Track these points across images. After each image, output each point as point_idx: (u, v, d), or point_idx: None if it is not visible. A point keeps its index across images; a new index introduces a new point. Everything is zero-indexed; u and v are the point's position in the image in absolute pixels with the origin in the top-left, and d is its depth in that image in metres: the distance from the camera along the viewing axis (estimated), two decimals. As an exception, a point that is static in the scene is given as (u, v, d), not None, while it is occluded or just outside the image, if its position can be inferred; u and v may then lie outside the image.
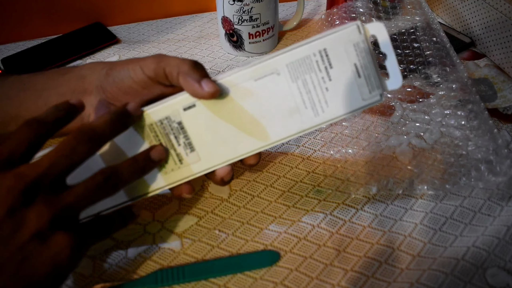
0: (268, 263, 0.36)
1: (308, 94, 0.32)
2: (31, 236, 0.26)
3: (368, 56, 0.32)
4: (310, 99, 0.32)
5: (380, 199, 0.41)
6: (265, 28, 0.60)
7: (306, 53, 0.31)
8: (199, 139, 0.33)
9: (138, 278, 0.35)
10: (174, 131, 0.33)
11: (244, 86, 0.32)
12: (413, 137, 0.47)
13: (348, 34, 0.31)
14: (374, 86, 0.32)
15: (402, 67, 0.55)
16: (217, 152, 0.33)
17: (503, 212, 0.39)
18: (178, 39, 0.67)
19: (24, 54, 0.63)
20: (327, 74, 0.32)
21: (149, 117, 0.33)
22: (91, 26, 0.69)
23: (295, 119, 0.32)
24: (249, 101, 0.32)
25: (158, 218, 0.40)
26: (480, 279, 0.34)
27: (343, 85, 0.32)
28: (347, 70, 0.31)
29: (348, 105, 0.32)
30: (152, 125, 0.33)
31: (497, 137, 0.42)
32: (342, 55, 0.31)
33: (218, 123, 0.33)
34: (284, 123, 0.33)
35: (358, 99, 0.32)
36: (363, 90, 0.32)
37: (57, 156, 0.28)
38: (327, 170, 0.44)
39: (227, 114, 0.32)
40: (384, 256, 0.36)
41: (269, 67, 0.31)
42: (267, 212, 0.40)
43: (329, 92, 0.32)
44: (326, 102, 0.32)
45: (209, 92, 0.31)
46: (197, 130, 0.33)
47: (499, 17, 0.56)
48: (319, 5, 0.76)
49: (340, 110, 0.32)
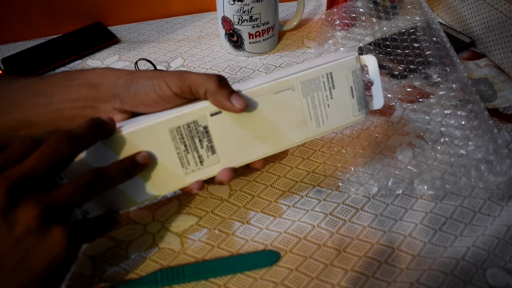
0: (268, 263, 0.36)
1: (314, 108, 0.37)
2: (24, 231, 0.27)
3: (360, 82, 0.38)
4: (315, 113, 0.38)
5: (380, 199, 0.41)
6: (265, 28, 0.60)
7: (317, 74, 0.37)
8: (220, 143, 0.36)
9: (138, 278, 0.35)
10: (199, 135, 0.36)
11: (264, 97, 0.36)
12: (413, 137, 0.47)
13: (349, 62, 0.37)
14: (363, 105, 0.39)
15: (402, 67, 0.55)
16: (234, 156, 0.37)
17: (503, 212, 0.39)
18: (178, 39, 0.67)
19: (24, 54, 0.63)
20: (330, 93, 0.37)
21: (178, 120, 0.35)
22: (91, 26, 0.69)
23: (302, 129, 0.38)
24: (267, 111, 0.36)
25: (158, 218, 0.40)
26: (480, 279, 0.34)
27: (341, 103, 0.38)
28: (345, 91, 0.38)
29: (343, 120, 0.38)
30: (179, 127, 0.35)
31: (497, 137, 0.43)
32: (343, 78, 0.37)
33: (238, 129, 0.36)
34: (293, 132, 0.38)
35: (350, 115, 0.39)
36: (355, 108, 0.38)
37: (40, 156, 0.29)
38: (327, 170, 0.44)
39: (247, 121, 0.36)
40: (384, 256, 0.36)
41: (287, 83, 0.36)
42: (267, 212, 0.40)
43: (330, 108, 0.38)
44: (326, 116, 0.38)
45: (240, 108, 0.34)
46: (219, 135, 0.36)
47: (499, 17, 0.56)
48: (319, 5, 0.76)
49: (336, 124, 0.38)
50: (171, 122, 0.35)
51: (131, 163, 0.34)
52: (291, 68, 0.38)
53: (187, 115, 0.35)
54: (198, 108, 0.35)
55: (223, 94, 0.34)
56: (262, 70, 0.59)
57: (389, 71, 0.55)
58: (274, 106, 0.36)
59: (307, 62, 0.40)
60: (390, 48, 0.57)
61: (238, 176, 0.44)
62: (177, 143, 0.35)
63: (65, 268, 0.29)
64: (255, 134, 0.37)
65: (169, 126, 0.35)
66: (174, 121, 0.35)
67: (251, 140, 0.37)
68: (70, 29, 0.68)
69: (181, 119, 0.35)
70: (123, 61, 0.62)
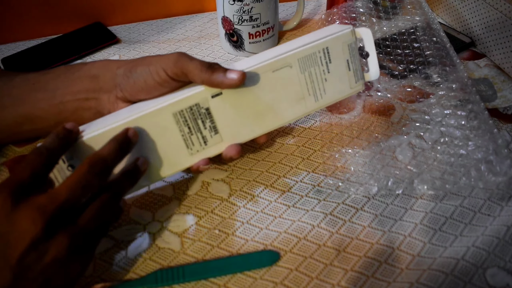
0: (268, 263, 0.36)
1: (312, 83, 0.38)
2: (53, 261, 0.29)
3: (356, 54, 0.39)
4: (313, 87, 0.39)
5: (380, 199, 0.41)
6: (265, 28, 0.60)
7: (314, 50, 0.37)
8: (223, 122, 0.37)
9: (138, 278, 0.35)
10: (202, 116, 0.37)
11: (263, 76, 0.37)
12: (413, 137, 0.47)
13: (345, 36, 0.38)
14: (359, 77, 0.40)
15: (402, 67, 0.55)
16: (237, 133, 0.38)
17: (503, 212, 0.39)
18: (178, 39, 0.67)
19: (24, 54, 0.63)
20: (327, 67, 0.38)
21: (180, 104, 0.36)
22: (91, 26, 0.69)
23: (300, 104, 0.39)
24: (266, 89, 0.37)
25: (158, 218, 0.40)
26: (480, 279, 0.34)
27: (338, 77, 0.39)
28: (342, 64, 0.39)
29: (340, 92, 0.40)
30: (182, 111, 0.36)
31: (497, 137, 0.43)
32: (339, 52, 0.38)
33: (239, 108, 0.37)
34: (292, 107, 0.39)
35: (347, 87, 0.40)
36: (351, 81, 0.40)
37: (74, 189, 0.30)
38: (327, 170, 0.44)
39: (247, 100, 0.37)
40: (384, 256, 0.36)
41: (284, 60, 0.37)
42: (267, 212, 0.40)
43: (327, 82, 0.39)
44: (324, 90, 0.39)
45: (239, 78, 0.35)
46: (221, 115, 0.37)
47: (499, 17, 0.56)
48: (319, 5, 0.76)
49: (334, 97, 0.40)
50: (174, 107, 0.36)
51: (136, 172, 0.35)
52: (287, 44, 0.39)
53: (189, 99, 0.36)
54: (200, 91, 0.36)
55: (219, 75, 0.35)
56: (262, 70, 0.59)
57: (389, 71, 0.55)
58: (272, 84, 0.37)
59: (303, 37, 0.40)
60: (390, 48, 0.57)
61: (238, 176, 0.44)
62: (181, 126, 0.36)
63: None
64: (256, 112, 0.38)
65: (172, 110, 0.36)
66: (177, 105, 0.36)
67: (252, 118, 0.38)
68: (70, 29, 0.68)
69: (183, 103, 0.36)
70: (123, 61, 0.62)
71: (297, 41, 0.39)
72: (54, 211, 0.29)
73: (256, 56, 0.39)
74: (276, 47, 0.41)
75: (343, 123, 0.49)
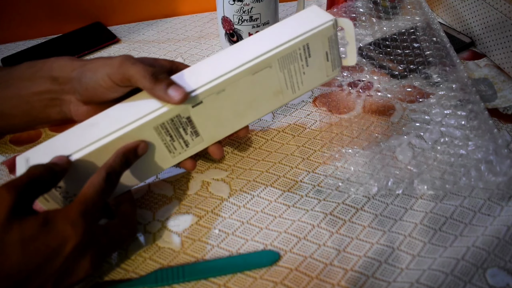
0: (268, 263, 0.36)
1: (291, 78, 0.38)
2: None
3: (336, 45, 0.39)
4: (291, 82, 0.39)
5: (380, 199, 0.41)
6: (265, 28, 0.59)
7: (294, 48, 0.37)
8: (203, 126, 0.37)
9: (138, 278, 0.35)
10: (183, 125, 0.36)
11: (243, 79, 0.36)
12: (413, 137, 0.47)
13: (326, 30, 0.37)
14: (336, 65, 0.40)
15: (402, 67, 0.55)
16: (217, 132, 0.39)
17: (503, 212, 0.39)
18: (178, 39, 0.67)
19: (24, 54, 0.63)
20: (306, 61, 0.38)
21: (161, 118, 0.35)
22: (91, 26, 0.69)
23: (278, 97, 0.39)
24: (247, 90, 0.37)
25: (158, 217, 0.40)
26: (480, 279, 0.34)
27: (316, 68, 0.39)
28: (320, 56, 0.39)
29: (317, 81, 0.40)
30: (164, 123, 0.35)
31: (497, 137, 0.43)
32: (318, 46, 0.38)
33: (220, 111, 0.37)
34: (270, 101, 0.39)
35: (324, 76, 0.40)
36: (328, 69, 0.40)
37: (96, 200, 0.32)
38: (327, 170, 0.44)
39: (228, 103, 0.37)
40: (384, 256, 0.36)
41: (264, 62, 0.36)
42: (267, 212, 0.40)
43: (305, 75, 0.39)
44: (302, 82, 0.39)
45: (180, 99, 0.34)
46: (202, 120, 0.37)
47: (499, 17, 0.56)
48: (319, 5, 0.76)
49: (310, 86, 0.40)
50: (156, 121, 0.35)
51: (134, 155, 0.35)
52: (264, 37, 0.38)
53: (169, 112, 0.35)
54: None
55: (160, 89, 0.34)
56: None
57: (389, 71, 0.55)
58: (252, 85, 0.37)
59: (281, 25, 0.39)
60: (390, 48, 0.57)
61: (238, 176, 0.44)
62: (162, 136, 0.36)
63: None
64: (235, 112, 0.38)
65: (153, 124, 0.35)
66: (158, 119, 0.35)
67: (232, 118, 0.38)
68: (70, 29, 0.68)
69: (164, 116, 0.35)
70: (123, 61, 0.62)
71: (275, 33, 0.38)
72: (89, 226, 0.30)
73: (232, 49, 0.38)
74: (252, 37, 0.39)
75: (343, 123, 0.49)
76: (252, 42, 0.38)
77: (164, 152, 0.37)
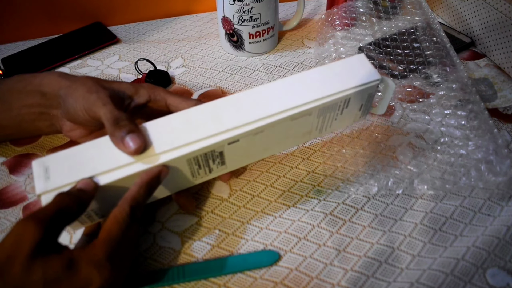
0: (268, 262, 0.36)
1: (323, 123, 0.39)
2: None
3: (372, 99, 0.39)
4: (322, 125, 0.39)
5: (380, 199, 0.41)
6: (265, 28, 0.60)
7: (336, 101, 0.36)
8: (231, 157, 0.37)
9: (138, 277, 0.35)
10: (214, 157, 0.36)
11: (282, 123, 0.36)
12: (413, 137, 0.47)
13: (370, 88, 0.37)
14: (365, 113, 0.41)
15: (402, 67, 0.55)
16: (241, 162, 0.39)
17: (503, 212, 0.39)
18: (178, 39, 0.67)
19: (24, 54, 0.63)
20: (341, 111, 0.38)
21: (197, 152, 0.34)
22: (91, 26, 0.69)
23: (305, 136, 0.39)
24: (281, 132, 0.37)
25: (158, 218, 0.40)
26: (480, 279, 0.34)
27: (347, 116, 0.40)
28: (355, 108, 0.39)
29: (343, 125, 0.41)
30: (197, 156, 0.35)
31: (497, 137, 0.43)
32: (358, 100, 0.38)
33: (252, 147, 0.37)
34: (297, 139, 0.39)
35: (351, 121, 0.41)
36: (357, 117, 0.41)
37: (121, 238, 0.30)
38: (327, 170, 0.44)
39: (261, 141, 0.37)
40: (384, 256, 0.36)
41: (307, 111, 0.36)
42: (267, 212, 0.40)
43: (337, 120, 0.39)
44: (330, 126, 0.40)
45: (136, 150, 0.32)
46: (232, 154, 0.36)
47: (499, 17, 0.56)
48: (319, 5, 0.76)
49: (336, 129, 0.41)
50: (190, 154, 0.34)
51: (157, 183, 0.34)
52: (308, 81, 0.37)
53: (206, 147, 0.34)
54: (219, 141, 0.34)
55: (117, 136, 0.33)
56: (262, 70, 0.59)
57: (389, 71, 0.55)
58: (288, 127, 0.37)
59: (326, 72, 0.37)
60: (390, 48, 0.57)
61: (238, 176, 0.44)
62: (191, 165, 0.35)
63: None
64: (264, 147, 0.38)
65: (187, 157, 0.34)
66: (193, 153, 0.34)
67: (259, 152, 0.38)
68: (70, 29, 0.68)
69: (200, 151, 0.34)
70: (123, 61, 0.62)
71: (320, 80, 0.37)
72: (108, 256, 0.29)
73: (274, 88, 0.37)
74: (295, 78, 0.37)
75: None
76: (296, 85, 0.37)
77: (186, 176, 0.36)
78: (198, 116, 0.35)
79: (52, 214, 0.28)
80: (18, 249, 0.27)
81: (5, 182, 0.44)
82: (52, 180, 0.32)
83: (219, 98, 0.36)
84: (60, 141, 0.48)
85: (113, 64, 0.62)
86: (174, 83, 0.58)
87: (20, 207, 0.41)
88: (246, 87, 0.56)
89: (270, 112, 0.35)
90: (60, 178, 0.32)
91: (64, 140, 0.48)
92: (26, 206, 0.42)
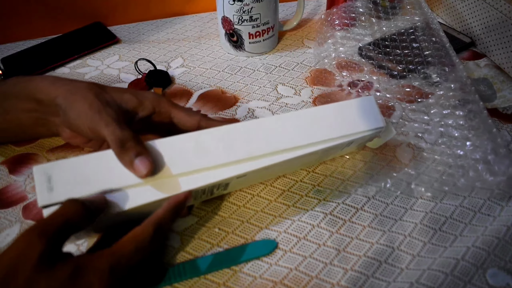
0: (266, 251, 0.36)
1: (323, 157, 0.42)
2: None
3: (371, 139, 0.41)
4: (322, 157, 0.41)
5: (380, 199, 0.41)
6: (265, 28, 0.60)
7: (342, 142, 0.38)
8: (234, 185, 0.38)
9: (137, 278, 0.35)
10: (220, 186, 0.36)
11: (288, 160, 0.36)
12: (412, 137, 0.47)
13: (374, 134, 0.39)
14: (361, 147, 0.44)
15: (401, 67, 0.55)
16: (241, 186, 0.41)
17: (503, 212, 0.39)
18: (178, 39, 0.67)
19: (24, 54, 0.63)
20: (343, 148, 0.40)
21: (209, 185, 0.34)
22: (91, 25, 0.69)
23: (305, 165, 0.43)
24: (285, 166, 0.38)
25: (158, 217, 0.40)
26: (480, 279, 0.34)
27: (346, 151, 0.42)
28: (356, 145, 0.42)
29: (340, 153, 0.44)
30: (205, 189, 0.35)
31: (497, 137, 0.43)
32: (360, 141, 0.40)
33: (255, 178, 0.39)
34: (297, 167, 0.43)
35: (347, 152, 0.44)
36: (353, 149, 0.43)
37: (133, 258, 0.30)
38: (327, 170, 0.44)
39: (265, 173, 0.38)
40: (384, 256, 0.36)
41: (313, 152, 0.37)
42: (267, 211, 0.40)
43: (336, 153, 0.43)
44: (328, 157, 0.43)
45: (145, 173, 0.32)
46: (236, 183, 0.37)
47: (499, 17, 0.56)
48: (319, 5, 0.76)
49: (333, 156, 0.44)
50: (202, 187, 0.34)
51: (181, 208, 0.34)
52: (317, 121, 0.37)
53: (217, 183, 0.35)
54: (229, 177, 0.34)
55: (125, 159, 0.32)
56: (262, 70, 0.59)
57: (388, 71, 0.56)
58: (293, 162, 0.38)
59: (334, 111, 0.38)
60: (389, 48, 0.57)
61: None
62: (198, 193, 0.35)
63: None
64: (266, 175, 0.40)
65: (196, 189, 0.34)
66: (205, 186, 0.34)
67: (260, 178, 0.40)
68: (70, 29, 0.68)
69: (210, 185, 0.34)
70: (123, 61, 0.62)
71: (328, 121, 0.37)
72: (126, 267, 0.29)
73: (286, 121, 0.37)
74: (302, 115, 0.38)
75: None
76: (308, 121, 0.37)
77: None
78: (209, 143, 0.35)
79: (59, 225, 0.28)
80: (22, 261, 0.26)
81: (5, 182, 0.44)
82: (55, 192, 0.31)
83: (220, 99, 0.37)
84: (60, 141, 0.48)
85: (113, 64, 0.62)
86: (174, 83, 0.58)
87: (20, 207, 0.41)
88: (246, 87, 0.56)
89: (280, 147, 0.36)
90: (65, 191, 0.31)
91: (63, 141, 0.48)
92: (26, 206, 0.42)
